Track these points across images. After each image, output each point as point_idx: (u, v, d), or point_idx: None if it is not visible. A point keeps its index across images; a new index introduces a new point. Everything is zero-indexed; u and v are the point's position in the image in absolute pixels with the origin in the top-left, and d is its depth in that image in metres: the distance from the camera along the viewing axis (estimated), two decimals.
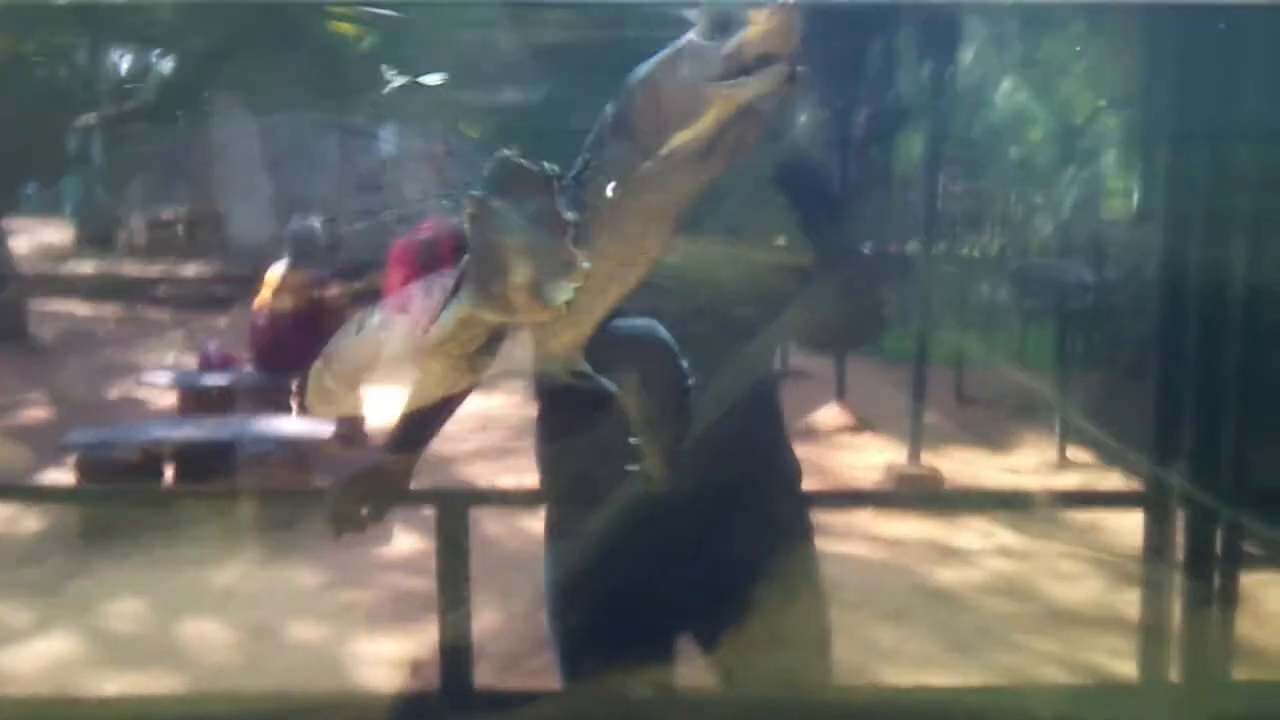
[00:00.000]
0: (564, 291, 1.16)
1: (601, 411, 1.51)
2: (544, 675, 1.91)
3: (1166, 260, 2.73)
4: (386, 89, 11.17)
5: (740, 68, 1.13)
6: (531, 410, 1.83)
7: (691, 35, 1.17)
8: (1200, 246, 2.67)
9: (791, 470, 1.83)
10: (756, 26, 1.12)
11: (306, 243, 6.24)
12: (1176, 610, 2.70)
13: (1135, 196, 7.19)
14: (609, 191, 1.24)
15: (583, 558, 1.74)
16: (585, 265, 1.16)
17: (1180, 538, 2.63)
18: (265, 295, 6.25)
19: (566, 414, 1.68)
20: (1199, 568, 2.62)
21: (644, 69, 1.21)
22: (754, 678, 1.79)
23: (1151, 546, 2.55)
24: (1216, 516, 2.61)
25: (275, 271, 6.28)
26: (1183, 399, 2.64)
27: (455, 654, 1.77)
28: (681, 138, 1.18)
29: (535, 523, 1.88)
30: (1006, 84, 18.15)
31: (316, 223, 6.28)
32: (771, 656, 1.71)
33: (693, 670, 1.84)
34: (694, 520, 1.66)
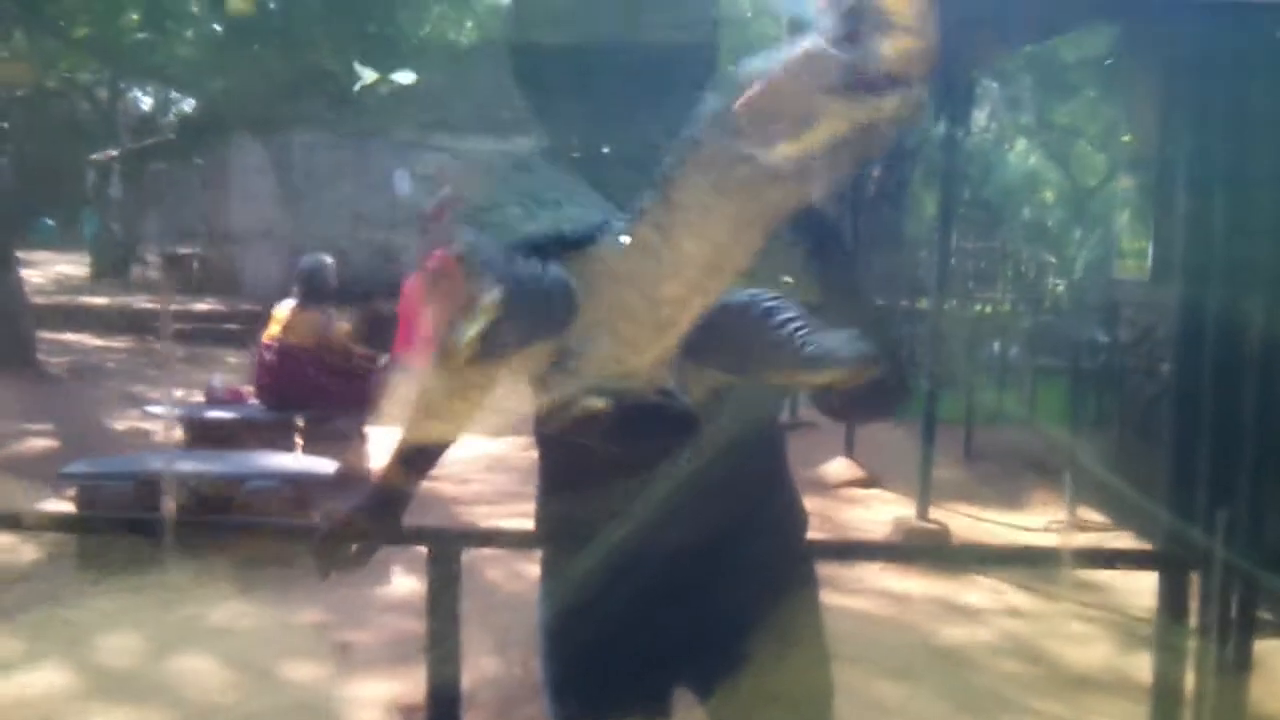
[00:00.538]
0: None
1: (599, 456, 1.48)
2: None
3: (1183, 324, 2.69)
4: (358, 86, 11.28)
5: (866, 83, 1.07)
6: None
7: (817, 36, 1.09)
8: (1216, 305, 2.65)
9: (796, 521, 1.78)
10: (892, 41, 1.06)
11: (316, 279, 6.25)
12: (1189, 676, 2.63)
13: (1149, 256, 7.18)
14: (700, 191, 1.17)
15: (578, 603, 1.69)
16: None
17: (1194, 601, 2.56)
18: (273, 330, 6.25)
19: (566, 458, 1.64)
20: (1213, 632, 2.54)
21: (759, 63, 1.13)
22: None
23: (1164, 609, 2.47)
24: (1232, 579, 2.54)
25: (283, 307, 6.29)
26: (1197, 459, 2.59)
27: (443, 701, 1.72)
28: (788, 148, 1.11)
29: (533, 566, 1.84)
30: (1021, 145, 18.22)
31: (326, 259, 6.29)
32: (769, 711, 1.66)
33: None
34: (693, 569, 1.62)
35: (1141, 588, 3.86)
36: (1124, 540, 5.41)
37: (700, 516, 1.56)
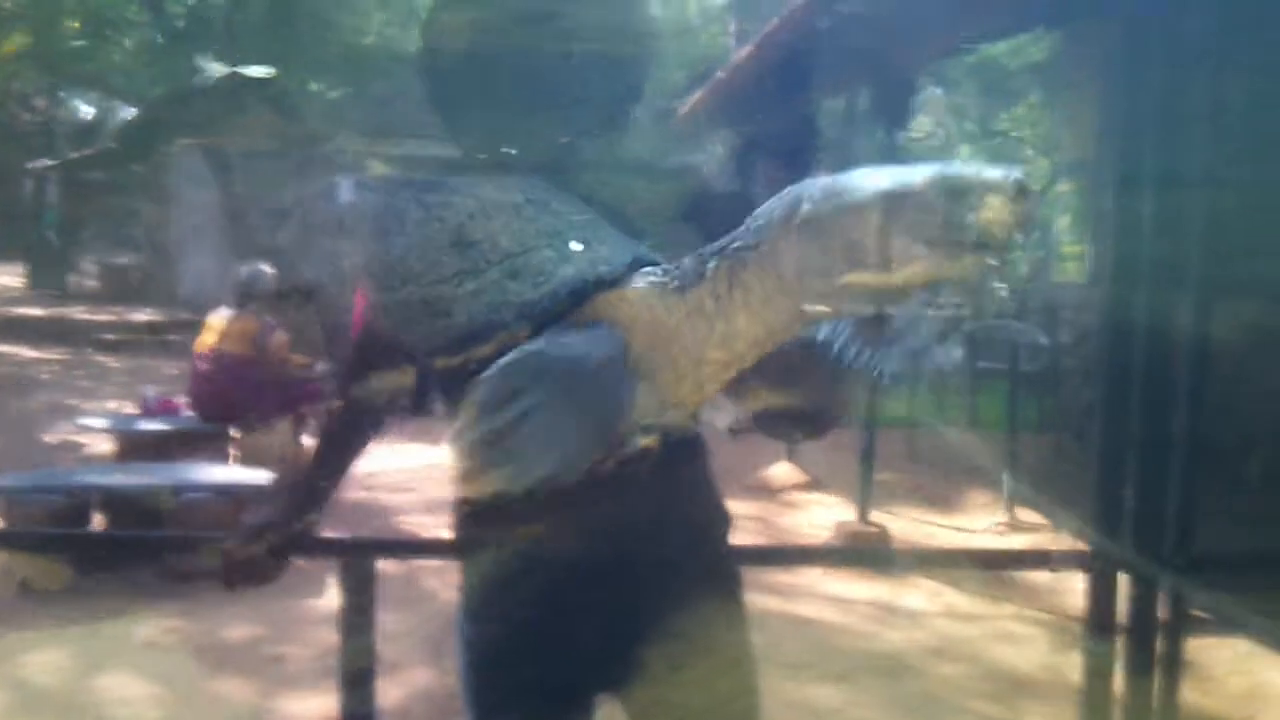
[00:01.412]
0: None
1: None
2: None
3: (1110, 324, 2.70)
4: (213, 80, 11.16)
5: (954, 241, 1.10)
6: None
7: (924, 183, 1.12)
8: (1145, 308, 2.65)
9: (719, 523, 1.76)
10: (990, 213, 1.09)
11: (252, 287, 6.15)
12: (1118, 676, 2.64)
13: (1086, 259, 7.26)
14: (768, 282, 1.22)
15: (498, 612, 1.65)
16: None
17: (1122, 602, 2.57)
18: (208, 340, 6.15)
19: None
20: (1142, 632, 2.55)
21: (862, 191, 1.15)
22: None
23: (1093, 610, 2.48)
24: (1158, 581, 2.56)
25: (218, 316, 6.19)
26: (1125, 462, 2.59)
27: (357, 717, 1.67)
28: (864, 278, 1.14)
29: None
30: (966, 151, 18.44)
31: (264, 267, 6.20)
32: (691, 712, 1.64)
33: None
34: (618, 573, 1.59)
35: (1081, 589, 3.88)
36: (1063, 542, 5.44)
37: (626, 521, 1.54)
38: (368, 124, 12.37)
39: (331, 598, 4.33)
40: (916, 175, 1.13)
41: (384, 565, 4.27)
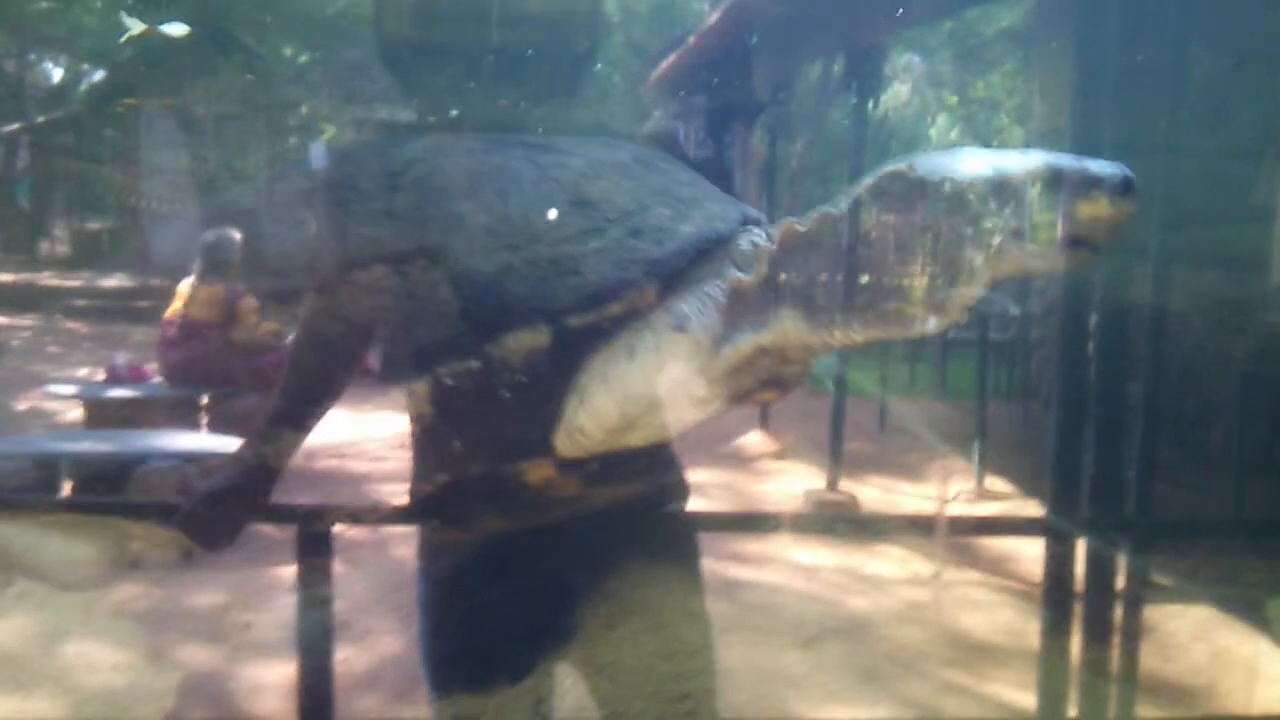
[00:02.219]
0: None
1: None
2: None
3: (1069, 293, 2.71)
4: (124, 37, 11.05)
5: (1051, 238, 1.07)
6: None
7: (1022, 173, 1.08)
8: (1103, 281, 2.67)
9: (677, 493, 1.76)
10: (1090, 208, 1.05)
11: (219, 253, 6.10)
12: (1077, 643, 2.67)
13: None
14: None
15: (457, 579, 1.66)
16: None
17: (1081, 569, 2.59)
18: (176, 307, 6.11)
19: (455, 437, 1.58)
20: (1097, 599, 2.58)
21: (956, 175, 1.12)
22: (632, 702, 1.72)
23: (1051, 578, 2.50)
24: (1115, 548, 2.58)
25: (186, 283, 6.14)
26: (1084, 430, 2.61)
27: (315, 684, 1.68)
28: (952, 264, 1.12)
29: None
30: (942, 119, 18.45)
31: (232, 233, 6.14)
32: (649, 680, 1.65)
33: (571, 696, 1.78)
34: (577, 542, 1.60)
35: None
36: (1030, 510, 5.49)
37: (586, 490, 1.54)
38: (339, 89, 12.26)
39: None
40: (1015, 163, 1.09)
41: (355, 533, 4.31)
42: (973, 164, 1.12)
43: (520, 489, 1.50)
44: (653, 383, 1.35)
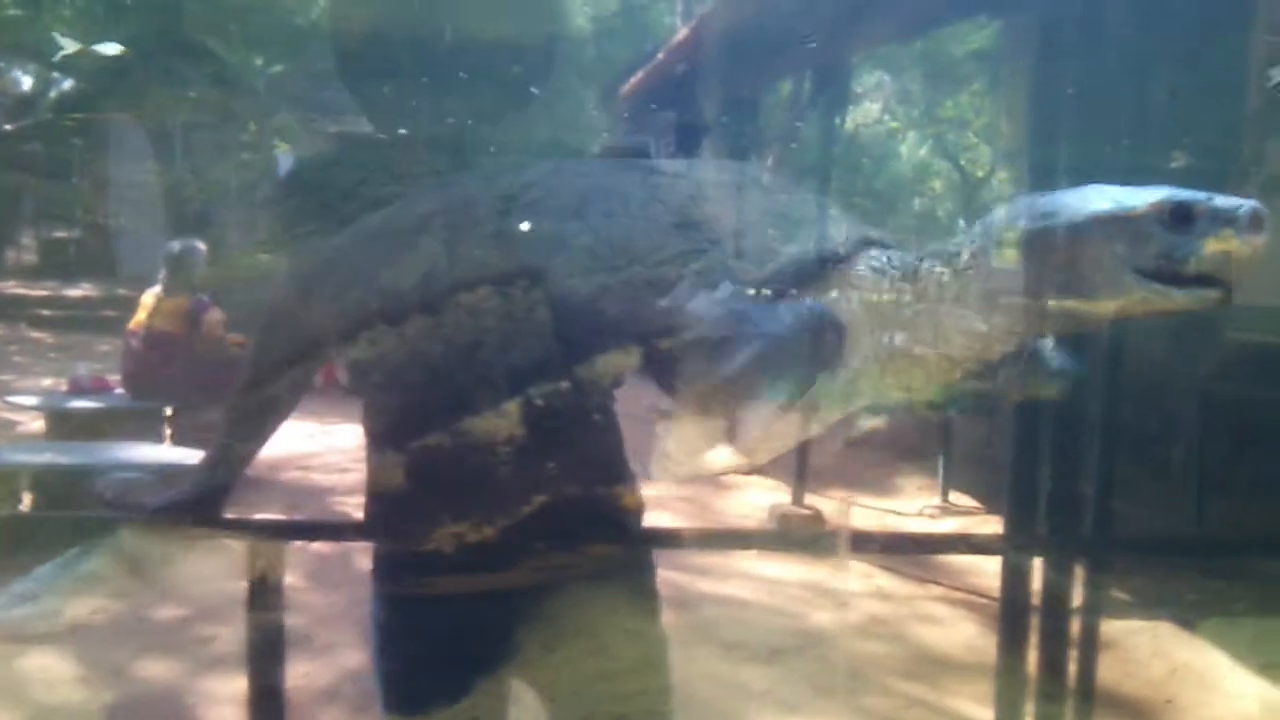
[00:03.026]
0: None
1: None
2: None
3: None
4: (58, 55, 11.01)
5: (1175, 274, 1.03)
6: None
7: (1144, 209, 1.05)
8: None
9: (632, 506, 1.76)
10: (1219, 245, 1.01)
11: (184, 264, 6.07)
12: (1034, 658, 2.69)
13: None
14: (971, 297, 1.19)
15: (400, 596, 1.66)
16: None
17: (1038, 584, 2.62)
18: (139, 318, 6.07)
19: (412, 455, 1.58)
20: (1054, 615, 2.61)
21: (1077, 212, 1.09)
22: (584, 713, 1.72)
23: (1008, 594, 2.53)
24: (1070, 565, 2.61)
25: (150, 294, 6.11)
26: (1040, 445, 2.64)
27: (265, 701, 1.67)
28: (1073, 305, 1.09)
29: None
30: (912, 137, 18.56)
31: (197, 244, 6.12)
32: (585, 700, 1.66)
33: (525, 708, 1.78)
34: (531, 556, 1.60)
35: None
36: (994, 524, 5.52)
37: (539, 508, 1.54)
38: (308, 100, 12.21)
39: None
40: (1139, 199, 1.06)
41: (320, 547, 4.28)
42: (1095, 200, 1.09)
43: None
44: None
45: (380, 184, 1.44)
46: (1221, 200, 1.03)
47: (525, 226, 1.43)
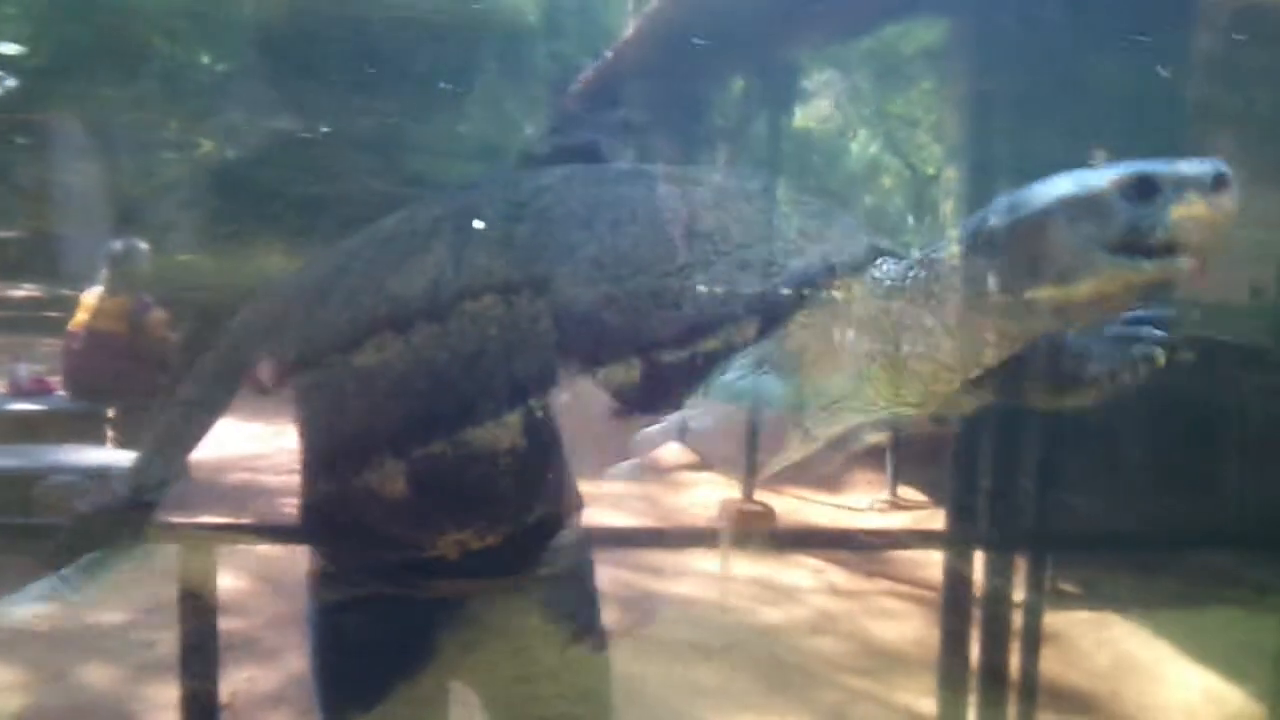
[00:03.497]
0: None
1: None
2: None
3: None
4: None
5: (1145, 246, 1.03)
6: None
7: (1106, 185, 1.05)
8: None
9: (571, 507, 1.75)
10: (1187, 211, 1.01)
11: (126, 263, 5.98)
12: (978, 650, 2.71)
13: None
14: (956, 301, 1.18)
15: (326, 603, 1.66)
16: None
17: (980, 577, 2.64)
18: (81, 319, 5.97)
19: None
20: (997, 608, 2.63)
21: (1040, 199, 1.09)
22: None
23: (950, 588, 2.55)
24: (1012, 557, 2.63)
25: (91, 294, 6.01)
26: (983, 443, 2.66)
27: (198, 706, 1.65)
28: (1051, 292, 1.09)
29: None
30: (863, 135, 18.71)
31: (139, 243, 6.02)
32: (503, 704, 1.66)
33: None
34: (468, 559, 1.59)
35: None
36: (941, 519, 5.56)
37: (476, 509, 1.53)
38: (255, 99, 12.10)
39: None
40: (1103, 177, 1.06)
41: (268, 550, 4.24)
42: (1058, 186, 1.10)
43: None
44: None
45: (306, 182, 1.42)
46: (1186, 165, 1.03)
47: (534, 234, 1.41)
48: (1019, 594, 2.73)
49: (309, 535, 1.65)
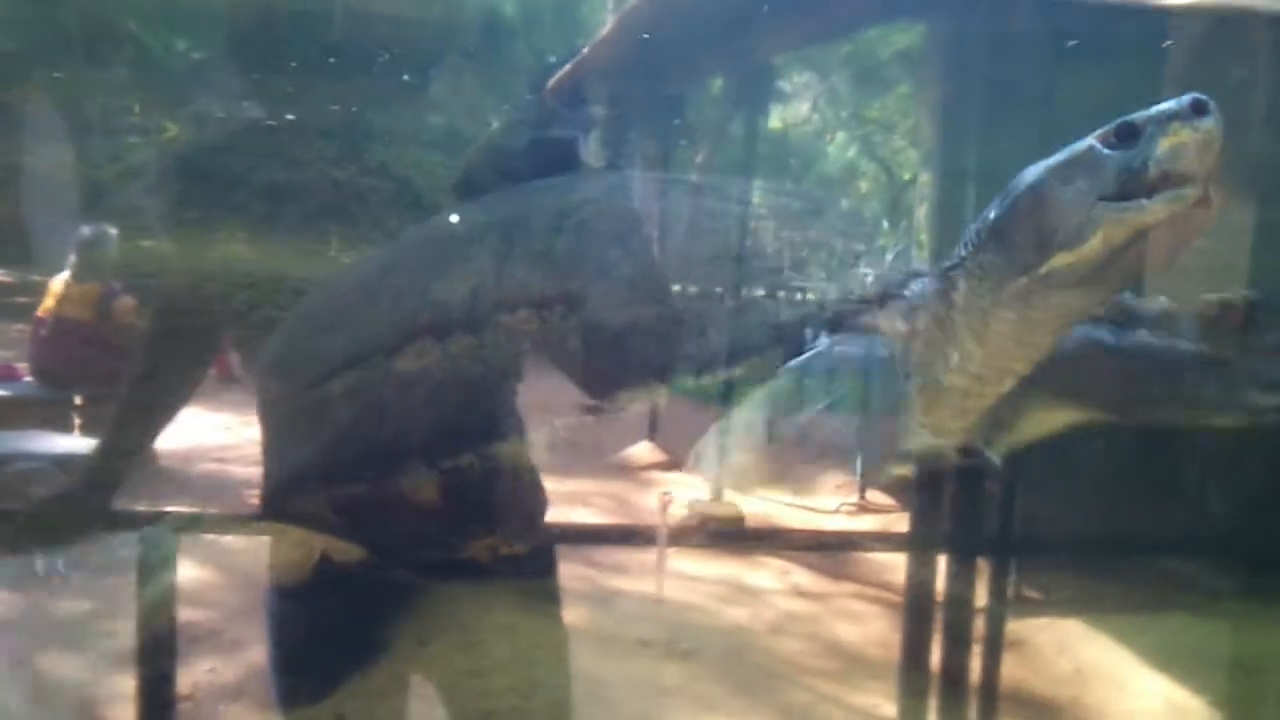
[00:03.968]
0: None
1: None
2: None
3: None
4: None
5: (1142, 187, 1.02)
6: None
7: (1093, 140, 1.05)
8: None
9: (535, 506, 1.75)
10: (1173, 139, 1.00)
11: (95, 250, 5.93)
12: (939, 655, 2.71)
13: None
14: (978, 298, 1.15)
15: (283, 594, 1.68)
16: None
17: (941, 581, 2.64)
18: (49, 305, 5.93)
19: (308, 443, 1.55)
20: (958, 613, 2.63)
21: (1032, 173, 1.09)
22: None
23: (912, 592, 2.55)
24: (976, 560, 2.64)
25: (59, 280, 5.97)
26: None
27: (155, 696, 1.64)
28: (1063, 259, 1.07)
29: None
30: (840, 138, 18.76)
31: (109, 229, 5.98)
32: (454, 698, 1.66)
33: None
34: (427, 551, 1.59)
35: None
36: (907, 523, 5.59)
37: (436, 501, 1.53)
38: (224, 86, 12.00)
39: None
40: (1087, 139, 1.07)
41: (231, 540, 4.22)
42: (1045, 161, 1.10)
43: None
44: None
45: (270, 170, 1.42)
46: (1165, 104, 1.04)
47: (572, 248, 1.38)
48: (981, 599, 2.74)
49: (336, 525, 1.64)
